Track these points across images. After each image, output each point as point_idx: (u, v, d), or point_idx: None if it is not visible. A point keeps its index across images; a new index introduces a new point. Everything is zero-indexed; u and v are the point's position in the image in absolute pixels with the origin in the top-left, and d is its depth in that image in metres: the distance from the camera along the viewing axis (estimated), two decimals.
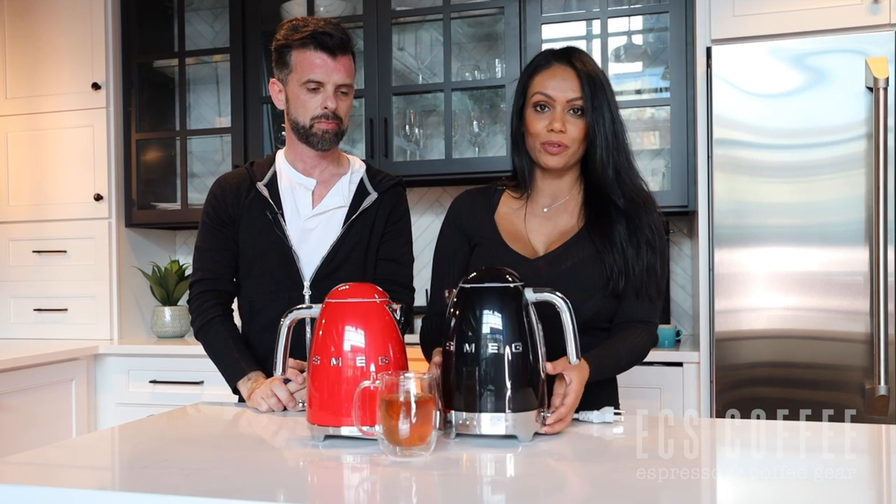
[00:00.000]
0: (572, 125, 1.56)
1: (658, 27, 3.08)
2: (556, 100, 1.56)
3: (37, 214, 3.32)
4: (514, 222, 1.67)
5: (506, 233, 1.65)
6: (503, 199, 1.71)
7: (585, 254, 1.59)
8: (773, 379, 2.44)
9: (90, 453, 1.36)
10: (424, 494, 1.10)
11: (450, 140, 3.04)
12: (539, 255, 1.62)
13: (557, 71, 1.57)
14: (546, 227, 1.66)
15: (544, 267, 1.59)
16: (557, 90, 1.56)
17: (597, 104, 1.55)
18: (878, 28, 2.50)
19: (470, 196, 1.74)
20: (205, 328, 1.83)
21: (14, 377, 2.71)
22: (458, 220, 1.71)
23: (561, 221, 1.65)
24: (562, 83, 1.56)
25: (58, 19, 3.29)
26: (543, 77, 1.58)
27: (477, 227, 1.68)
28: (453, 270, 1.68)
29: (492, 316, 1.31)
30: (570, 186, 1.66)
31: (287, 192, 1.85)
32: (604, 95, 1.56)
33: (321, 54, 1.73)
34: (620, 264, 1.57)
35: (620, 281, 1.57)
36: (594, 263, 1.59)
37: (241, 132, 3.23)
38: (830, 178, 2.41)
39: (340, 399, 1.31)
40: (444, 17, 3.05)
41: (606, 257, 1.58)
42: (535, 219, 1.66)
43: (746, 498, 1.09)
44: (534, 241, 1.64)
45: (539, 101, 1.57)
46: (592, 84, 1.55)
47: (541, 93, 1.57)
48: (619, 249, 1.57)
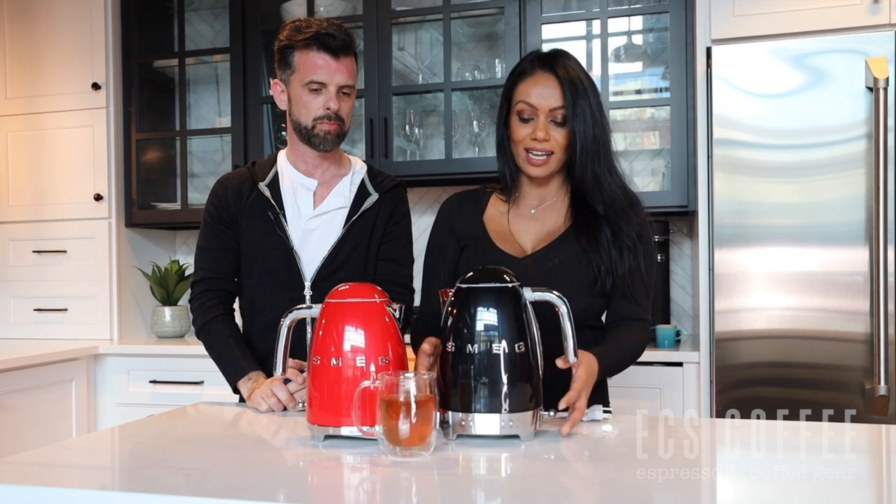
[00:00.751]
0: (556, 133, 1.58)
1: (658, 27, 3.08)
2: (539, 108, 1.57)
3: (37, 214, 3.32)
4: (503, 223, 1.69)
5: (494, 233, 1.68)
6: (492, 201, 1.74)
7: (572, 252, 1.62)
8: (773, 379, 2.44)
9: (90, 453, 1.36)
10: (424, 494, 1.10)
11: (450, 140, 3.04)
12: (527, 253, 1.64)
13: (540, 79, 1.58)
14: (534, 227, 1.68)
15: (531, 265, 1.61)
16: (540, 99, 1.57)
17: (578, 111, 1.56)
18: (878, 28, 2.50)
19: (459, 198, 1.76)
20: (206, 327, 1.83)
21: (14, 377, 2.71)
22: (448, 221, 1.73)
23: (549, 222, 1.68)
24: (544, 91, 1.57)
25: (58, 19, 3.29)
26: (527, 85, 1.59)
27: (466, 228, 1.70)
28: (443, 271, 1.70)
29: (491, 316, 1.31)
30: (556, 189, 1.69)
31: (289, 192, 1.85)
32: (586, 101, 1.57)
33: (324, 55, 1.73)
34: (607, 264, 1.59)
35: (608, 280, 1.60)
36: (581, 261, 1.61)
37: (241, 132, 3.23)
38: (830, 178, 2.41)
39: (340, 399, 1.31)
40: (444, 17, 3.05)
41: (593, 257, 1.60)
42: (523, 220, 1.69)
43: (746, 498, 1.09)
44: (522, 242, 1.67)
45: (522, 109, 1.59)
46: (574, 91, 1.56)
47: (524, 101, 1.58)
48: (606, 250, 1.60)
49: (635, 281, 1.62)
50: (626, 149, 3.17)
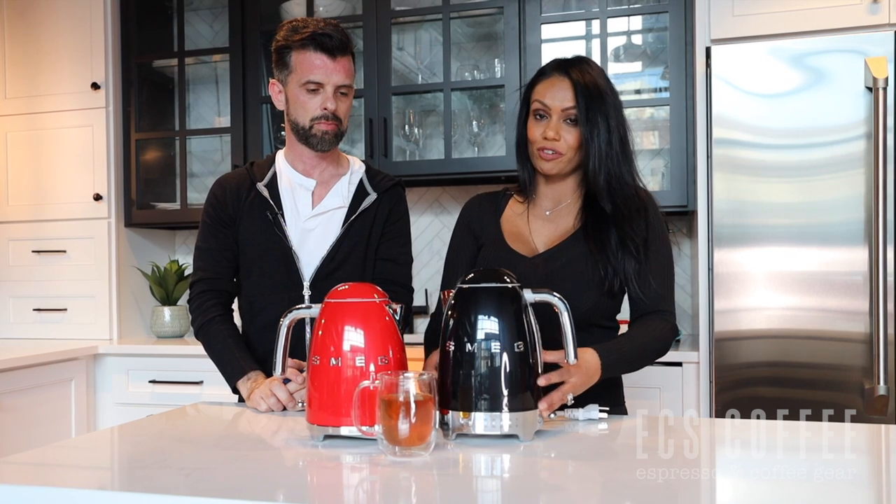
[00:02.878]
0: (567, 133, 1.63)
1: (658, 27, 3.08)
2: (552, 108, 1.63)
3: (36, 214, 3.32)
4: (518, 224, 1.73)
5: (508, 234, 1.72)
6: (510, 202, 1.78)
7: (581, 252, 1.64)
8: (772, 379, 2.44)
9: (90, 453, 1.36)
10: (424, 494, 1.10)
11: (449, 140, 3.04)
12: (538, 253, 1.67)
13: (555, 81, 1.65)
14: (548, 228, 1.71)
15: (541, 264, 1.65)
16: (554, 99, 1.63)
17: (591, 115, 1.61)
18: (878, 28, 2.50)
19: (480, 199, 1.82)
20: (205, 328, 1.83)
21: (14, 377, 2.71)
22: (468, 221, 1.78)
23: (563, 223, 1.70)
24: (558, 93, 1.63)
25: (57, 19, 3.29)
26: (543, 87, 1.66)
27: (483, 228, 1.75)
28: (461, 270, 1.72)
29: (491, 316, 1.31)
30: (572, 190, 1.72)
31: (287, 192, 1.85)
32: (600, 106, 1.62)
33: (321, 55, 1.73)
34: (614, 265, 1.61)
35: (616, 281, 1.61)
36: (588, 261, 1.63)
37: (240, 132, 3.23)
38: (830, 178, 2.41)
39: (340, 399, 1.31)
40: (444, 17, 3.05)
41: (599, 259, 1.62)
42: (538, 221, 1.72)
43: (746, 498, 1.09)
44: (535, 242, 1.70)
45: (537, 108, 1.65)
46: (588, 95, 1.61)
47: (539, 101, 1.65)
48: (613, 252, 1.62)
49: (644, 281, 1.62)
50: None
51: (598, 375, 1.48)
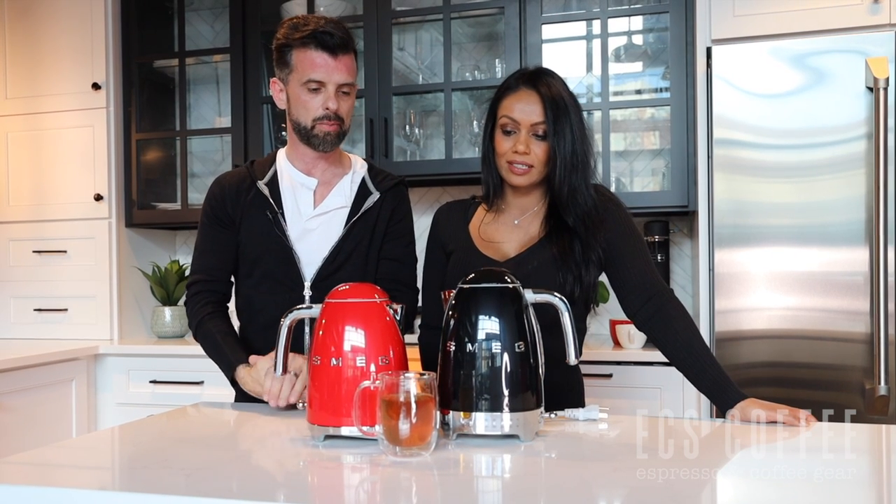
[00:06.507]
0: (536, 147, 1.65)
1: (658, 27, 3.08)
2: (521, 123, 1.64)
3: (37, 214, 3.32)
4: (488, 231, 1.76)
5: (478, 240, 1.75)
6: (478, 211, 1.81)
7: (548, 256, 1.67)
8: (773, 379, 2.44)
9: (90, 453, 1.36)
10: (424, 494, 1.10)
11: (450, 140, 3.04)
12: (509, 257, 1.70)
13: (523, 95, 1.66)
14: (517, 234, 1.74)
15: (511, 268, 1.64)
16: (522, 114, 1.64)
17: (559, 127, 1.63)
18: (878, 28, 2.50)
19: (448, 207, 1.85)
20: (199, 327, 1.83)
21: (14, 377, 2.71)
22: (436, 231, 1.83)
23: (531, 230, 1.74)
24: (526, 107, 1.64)
25: (58, 19, 3.29)
26: (510, 101, 1.67)
27: (452, 235, 1.78)
28: (435, 281, 1.78)
29: (492, 316, 1.31)
30: (538, 200, 1.75)
31: (288, 191, 1.84)
32: (566, 119, 1.64)
33: (322, 54, 1.71)
34: (575, 273, 1.65)
35: (577, 288, 1.65)
36: (556, 266, 1.66)
37: (241, 132, 3.23)
38: (830, 178, 2.41)
39: (340, 399, 1.31)
40: (444, 17, 3.05)
41: (563, 266, 1.65)
42: (507, 228, 1.75)
43: (746, 498, 1.09)
44: (505, 248, 1.73)
45: (505, 123, 1.66)
46: (556, 108, 1.63)
47: (507, 116, 1.66)
48: (574, 261, 1.65)
49: (643, 267, 1.67)
50: (627, 149, 3.17)
51: (751, 400, 1.51)
